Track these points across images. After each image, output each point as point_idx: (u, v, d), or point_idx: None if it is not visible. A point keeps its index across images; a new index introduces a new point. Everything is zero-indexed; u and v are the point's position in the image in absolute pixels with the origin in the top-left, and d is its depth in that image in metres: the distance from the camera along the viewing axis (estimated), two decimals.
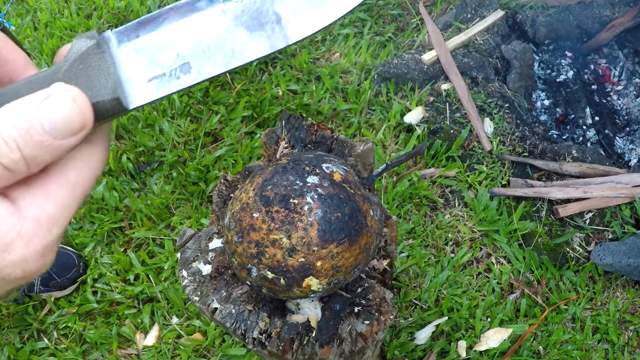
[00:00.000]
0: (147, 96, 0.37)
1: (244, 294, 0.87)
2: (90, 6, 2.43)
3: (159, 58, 0.38)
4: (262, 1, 0.39)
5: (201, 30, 0.39)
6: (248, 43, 0.39)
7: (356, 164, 0.95)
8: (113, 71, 0.36)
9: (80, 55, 0.36)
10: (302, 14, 0.39)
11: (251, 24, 0.39)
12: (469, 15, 2.39)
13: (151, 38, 0.38)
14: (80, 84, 0.35)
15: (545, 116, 2.30)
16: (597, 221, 1.87)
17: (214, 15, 0.39)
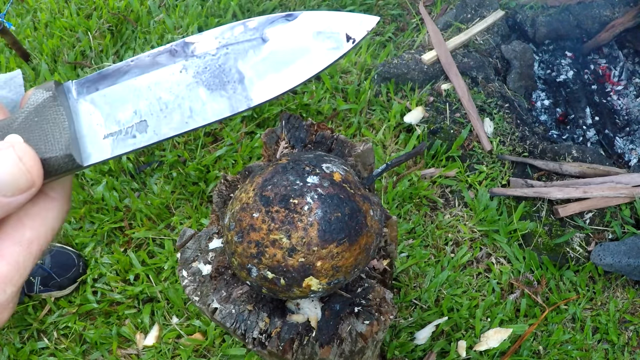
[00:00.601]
0: (101, 154, 0.36)
1: (244, 294, 0.87)
2: (90, 6, 2.43)
3: (116, 114, 0.36)
4: (225, 59, 0.37)
5: (160, 87, 0.37)
6: (208, 103, 0.37)
7: (356, 164, 0.95)
8: (68, 126, 0.34)
9: (36, 107, 0.34)
10: (265, 75, 0.38)
11: (212, 83, 0.38)
12: (469, 15, 2.39)
13: (110, 92, 0.37)
14: (34, 137, 0.33)
15: (545, 116, 2.30)
16: (597, 221, 1.87)
17: (174, 72, 0.37)
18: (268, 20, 0.38)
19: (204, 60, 0.38)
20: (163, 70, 0.37)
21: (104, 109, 0.36)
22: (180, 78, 0.38)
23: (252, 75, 0.38)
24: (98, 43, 2.32)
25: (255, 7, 2.38)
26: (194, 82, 0.37)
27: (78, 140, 0.35)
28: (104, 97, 0.37)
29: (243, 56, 0.38)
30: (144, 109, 0.37)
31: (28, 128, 0.34)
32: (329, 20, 0.37)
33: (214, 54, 0.38)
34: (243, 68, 0.38)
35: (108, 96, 0.37)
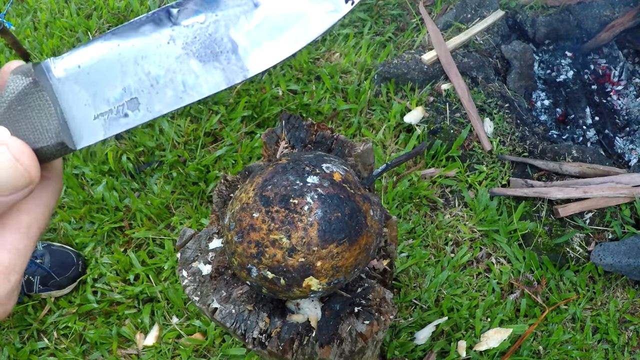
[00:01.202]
0: (93, 136, 0.34)
1: (244, 294, 0.87)
2: (90, 6, 2.43)
3: (103, 92, 0.34)
4: (216, 27, 0.34)
5: (148, 61, 0.34)
6: (201, 76, 0.34)
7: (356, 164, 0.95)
8: (55, 111, 0.32)
9: (18, 95, 0.32)
10: (260, 43, 0.35)
11: (204, 54, 0.34)
12: (469, 15, 2.39)
13: (94, 69, 0.34)
14: (20, 128, 0.31)
15: (545, 116, 2.30)
16: (597, 221, 1.87)
17: (161, 43, 0.34)
18: None
19: (193, 30, 0.34)
20: (148, 42, 0.34)
21: (90, 88, 0.34)
22: (168, 50, 0.35)
23: (246, 43, 0.34)
24: None
25: None
26: (184, 54, 0.35)
27: (68, 124, 0.33)
28: (88, 75, 0.34)
29: (234, 23, 0.34)
30: (133, 85, 0.34)
31: (13, 118, 0.32)
32: None
33: (202, 22, 0.35)
34: (235, 36, 0.35)
35: (92, 74, 0.34)
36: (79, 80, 0.34)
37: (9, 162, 0.29)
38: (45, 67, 0.34)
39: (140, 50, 0.34)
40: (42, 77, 0.33)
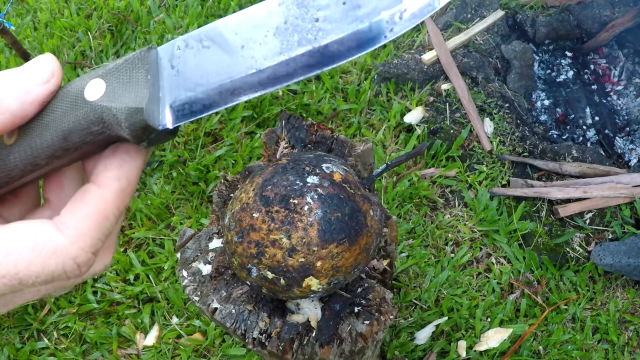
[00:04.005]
0: (180, 118, 0.33)
1: (244, 294, 0.87)
2: (90, 6, 2.43)
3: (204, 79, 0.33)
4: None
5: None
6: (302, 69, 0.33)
7: (356, 164, 0.95)
8: (151, 84, 0.32)
9: (124, 62, 0.33)
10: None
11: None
12: (469, 15, 2.39)
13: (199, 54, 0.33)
14: (116, 87, 0.32)
15: (545, 116, 2.30)
16: (597, 221, 1.87)
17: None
18: None
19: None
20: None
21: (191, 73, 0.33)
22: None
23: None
24: (98, 43, 2.32)
25: None
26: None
27: (161, 100, 0.32)
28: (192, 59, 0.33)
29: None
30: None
31: (112, 77, 0.32)
32: None
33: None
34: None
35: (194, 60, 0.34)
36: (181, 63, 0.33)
37: (36, 61, 0.31)
38: (157, 50, 0.34)
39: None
40: (152, 55, 0.33)
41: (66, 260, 0.30)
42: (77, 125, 0.31)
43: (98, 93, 0.31)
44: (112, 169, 0.32)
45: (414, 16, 0.32)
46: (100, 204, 0.32)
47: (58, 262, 0.30)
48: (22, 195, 0.36)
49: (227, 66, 0.32)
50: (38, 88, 0.31)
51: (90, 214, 0.31)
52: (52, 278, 0.30)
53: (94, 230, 0.31)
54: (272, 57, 0.32)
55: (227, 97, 0.32)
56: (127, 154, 0.33)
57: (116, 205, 0.33)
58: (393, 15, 0.32)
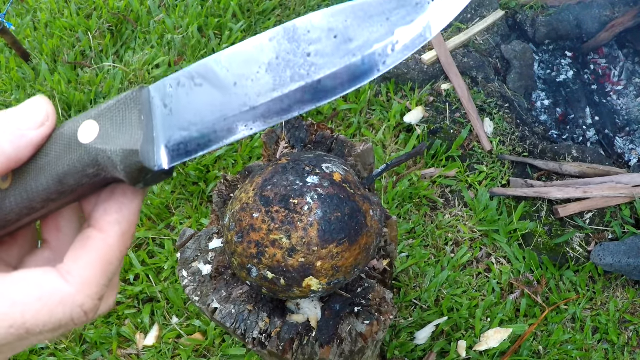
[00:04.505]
0: (176, 158, 0.33)
1: (244, 294, 0.87)
2: (90, 6, 2.43)
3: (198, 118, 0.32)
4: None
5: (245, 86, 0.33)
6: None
7: (356, 164, 0.95)
8: (144, 125, 0.32)
9: (116, 102, 0.32)
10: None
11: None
12: (469, 15, 2.39)
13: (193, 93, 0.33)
14: (110, 129, 0.31)
15: (545, 116, 2.30)
16: (597, 221, 1.87)
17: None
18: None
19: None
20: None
21: (183, 113, 0.33)
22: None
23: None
24: (98, 43, 2.32)
25: (255, 7, 2.38)
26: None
27: (155, 141, 0.32)
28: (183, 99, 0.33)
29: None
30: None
31: (106, 118, 0.32)
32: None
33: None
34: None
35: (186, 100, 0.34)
36: (173, 102, 0.32)
37: (31, 102, 0.31)
38: (149, 90, 0.33)
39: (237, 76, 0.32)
40: (144, 95, 0.32)
41: (73, 308, 0.30)
42: (72, 169, 0.31)
43: (92, 135, 0.31)
44: (112, 213, 0.32)
45: (406, 48, 0.32)
46: (103, 250, 0.32)
47: (65, 311, 0.30)
48: (19, 237, 0.36)
49: (221, 104, 0.31)
50: (32, 132, 0.30)
51: (94, 261, 0.31)
52: (59, 326, 0.30)
53: (99, 277, 0.31)
54: (266, 93, 0.31)
55: (222, 135, 0.32)
56: (124, 196, 0.33)
57: (119, 249, 0.33)
58: (385, 47, 0.32)
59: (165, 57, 2.19)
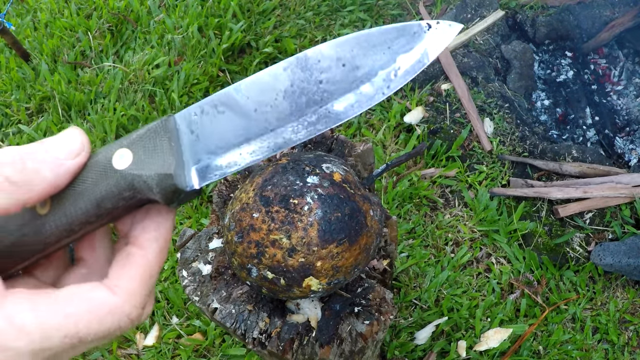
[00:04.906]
0: (203, 180, 0.36)
1: (244, 294, 0.87)
2: (90, 6, 2.43)
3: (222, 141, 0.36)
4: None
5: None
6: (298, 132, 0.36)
7: (356, 164, 0.95)
8: (174, 150, 0.35)
9: (147, 131, 0.36)
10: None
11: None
12: (469, 15, 2.39)
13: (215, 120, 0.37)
14: (142, 155, 0.35)
15: (545, 116, 2.30)
16: (597, 221, 1.87)
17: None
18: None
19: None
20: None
21: (209, 137, 0.37)
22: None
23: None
24: (98, 43, 2.32)
25: (255, 7, 2.38)
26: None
27: (185, 165, 0.35)
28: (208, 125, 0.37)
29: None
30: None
31: (138, 146, 0.35)
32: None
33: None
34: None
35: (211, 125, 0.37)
36: (199, 128, 0.36)
37: (67, 134, 0.34)
38: (174, 118, 0.37)
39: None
40: (170, 124, 0.36)
41: (121, 317, 0.34)
42: (109, 193, 0.34)
43: (126, 162, 0.34)
44: (150, 231, 0.36)
45: (407, 73, 0.35)
46: (144, 265, 0.35)
47: (114, 320, 0.33)
48: (54, 258, 0.39)
49: (243, 129, 0.35)
50: (70, 161, 0.33)
51: (137, 275, 0.35)
52: (108, 334, 0.34)
53: (141, 288, 0.35)
54: (284, 118, 0.34)
55: (246, 157, 0.35)
56: (160, 215, 0.36)
57: (157, 264, 0.37)
58: (389, 73, 0.35)
59: (165, 57, 2.19)
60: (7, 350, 0.30)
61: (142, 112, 2.07)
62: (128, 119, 2.05)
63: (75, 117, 2.09)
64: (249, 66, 2.24)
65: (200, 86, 2.13)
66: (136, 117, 2.07)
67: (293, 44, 2.31)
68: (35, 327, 0.31)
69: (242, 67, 2.25)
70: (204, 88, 2.14)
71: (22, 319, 0.30)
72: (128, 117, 2.06)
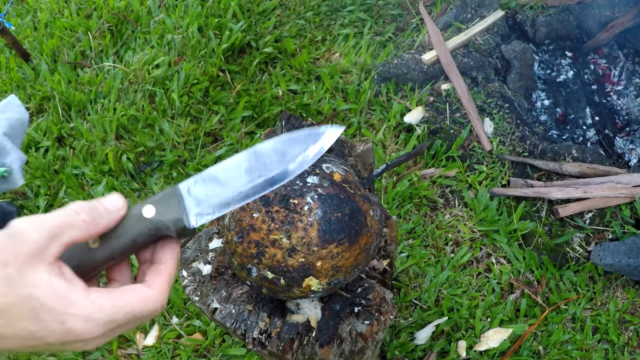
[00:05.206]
0: (202, 220, 0.56)
1: (244, 294, 0.87)
2: (90, 6, 2.43)
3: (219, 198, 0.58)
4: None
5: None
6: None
7: (356, 164, 0.95)
8: (180, 207, 0.56)
9: (161, 196, 0.56)
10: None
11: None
12: (469, 15, 2.39)
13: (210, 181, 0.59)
14: (160, 209, 0.55)
15: (545, 116, 2.30)
16: (597, 221, 1.87)
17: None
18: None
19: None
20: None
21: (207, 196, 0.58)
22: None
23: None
24: (98, 43, 2.32)
25: (255, 7, 2.38)
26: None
27: (187, 214, 0.56)
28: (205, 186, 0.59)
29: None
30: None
31: (157, 202, 0.55)
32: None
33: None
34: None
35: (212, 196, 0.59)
36: (200, 189, 0.57)
37: (110, 198, 0.54)
38: (178, 187, 0.56)
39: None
40: (177, 190, 0.56)
41: (156, 304, 0.52)
42: (141, 232, 0.53)
43: (151, 213, 0.54)
44: (168, 254, 0.55)
45: (315, 155, 0.59)
46: (167, 274, 0.55)
47: (153, 305, 0.52)
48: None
49: (222, 192, 0.57)
50: (116, 213, 0.53)
51: (164, 279, 0.54)
52: (148, 315, 0.51)
53: (167, 286, 0.54)
54: (246, 184, 0.57)
55: (225, 208, 0.57)
56: (172, 243, 0.56)
57: (174, 273, 0.56)
58: (305, 156, 0.59)
59: (165, 57, 2.19)
60: (91, 320, 0.47)
61: (142, 112, 2.07)
62: (128, 119, 2.05)
63: (75, 117, 2.09)
64: (249, 66, 2.24)
65: (200, 86, 2.13)
66: (136, 117, 2.07)
67: (293, 44, 2.31)
68: (108, 306, 0.49)
69: (242, 67, 2.25)
70: (204, 88, 2.14)
71: (100, 301, 0.48)
72: (128, 117, 2.06)
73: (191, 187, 0.57)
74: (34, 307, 0.45)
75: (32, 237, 0.46)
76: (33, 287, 0.46)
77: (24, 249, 0.46)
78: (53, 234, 0.47)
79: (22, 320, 0.45)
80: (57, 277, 0.47)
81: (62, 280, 0.47)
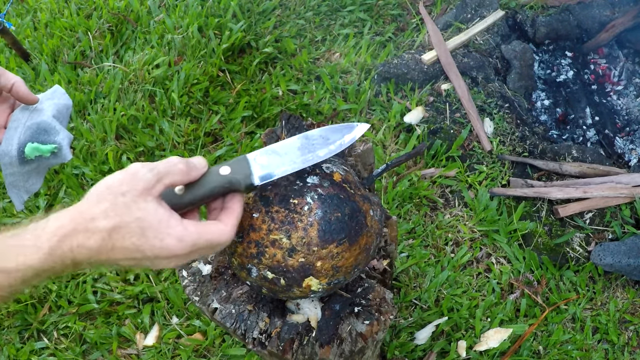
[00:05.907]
0: (263, 180, 0.71)
1: (244, 294, 0.87)
2: (90, 6, 2.43)
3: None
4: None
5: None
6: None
7: (356, 164, 0.95)
8: (248, 169, 0.71)
9: (234, 160, 0.71)
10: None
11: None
12: (469, 15, 2.39)
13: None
14: (232, 168, 0.69)
15: (545, 116, 2.30)
16: (597, 221, 1.87)
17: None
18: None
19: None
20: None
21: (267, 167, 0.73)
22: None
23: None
24: (98, 43, 2.32)
25: (255, 7, 2.38)
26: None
27: (252, 175, 0.70)
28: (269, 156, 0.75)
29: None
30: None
31: (231, 165, 0.70)
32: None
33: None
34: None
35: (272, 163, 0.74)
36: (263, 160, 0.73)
37: (196, 160, 0.67)
38: (247, 156, 0.72)
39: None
40: (246, 158, 0.71)
41: (227, 236, 0.65)
42: (218, 185, 0.67)
43: (227, 171, 0.68)
44: (237, 202, 0.69)
45: (350, 140, 0.78)
46: (237, 216, 0.68)
47: (226, 237, 0.65)
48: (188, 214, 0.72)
49: (280, 161, 0.73)
50: (202, 169, 0.67)
51: (233, 218, 0.67)
52: (221, 244, 0.64)
53: (236, 224, 0.67)
54: (298, 157, 0.74)
55: (281, 172, 0.72)
56: (240, 195, 0.69)
57: (240, 214, 0.69)
58: (342, 141, 0.77)
59: (165, 57, 2.19)
60: (182, 241, 0.59)
61: (142, 112, 2.07)
62: (128, 119, 2.05)
63: (75, 117, 2.09)
64: (249, 66, 2.24)
65: (200, 86, 2.13)
66: (136, 117, 2.07)
67: (293, 44, 2.31)
68: (195, 232, 0.61)
69: (242, 67, 2.25)
70: (204, 88, 2.14)
71: (190, 228, 0.61)
72: (128, 117, 2.05)
73: (257, 157, 0.71)
74: (142, 227, 0.58)
75: (145, 177, 0.60)
76: (143, 211, 0.58)
77: (139, 184, 0.60)
78: (159, 176, 0.61)
79: (132, 235, 0.58)
80: (160, 206, 0.60)
81: (164, 209, 0.60)
